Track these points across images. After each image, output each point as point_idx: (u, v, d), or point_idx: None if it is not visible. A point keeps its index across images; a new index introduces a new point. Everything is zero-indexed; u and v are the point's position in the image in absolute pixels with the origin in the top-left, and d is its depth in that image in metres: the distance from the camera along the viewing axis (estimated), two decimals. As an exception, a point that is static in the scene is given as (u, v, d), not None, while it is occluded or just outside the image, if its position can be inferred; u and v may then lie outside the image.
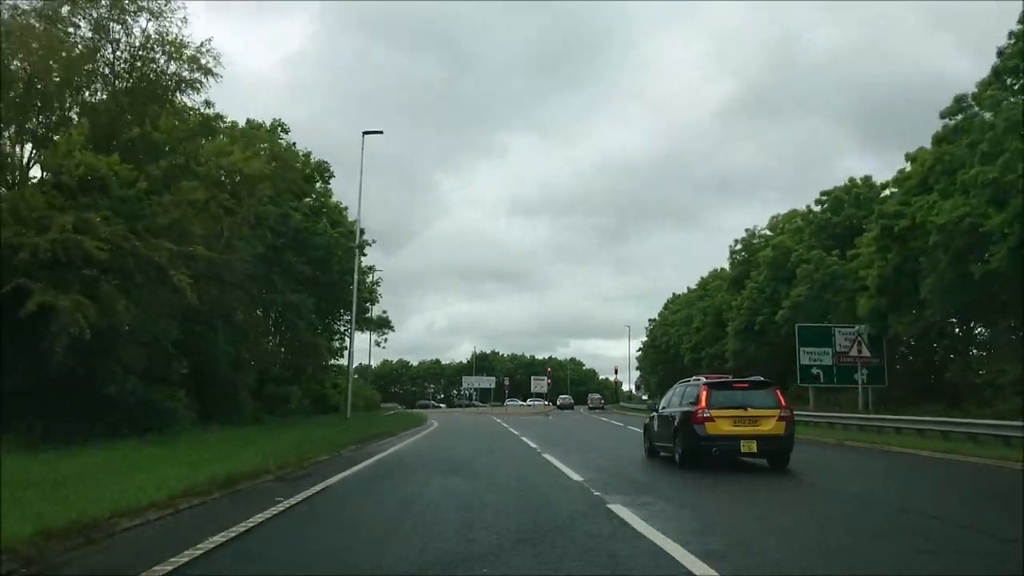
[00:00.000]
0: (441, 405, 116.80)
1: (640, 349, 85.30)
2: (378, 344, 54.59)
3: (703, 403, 12.91)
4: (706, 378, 14.40)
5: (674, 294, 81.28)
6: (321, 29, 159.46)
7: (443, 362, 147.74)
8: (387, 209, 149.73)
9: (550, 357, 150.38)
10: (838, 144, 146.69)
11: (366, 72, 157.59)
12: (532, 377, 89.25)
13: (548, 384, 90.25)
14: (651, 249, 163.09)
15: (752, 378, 14.56)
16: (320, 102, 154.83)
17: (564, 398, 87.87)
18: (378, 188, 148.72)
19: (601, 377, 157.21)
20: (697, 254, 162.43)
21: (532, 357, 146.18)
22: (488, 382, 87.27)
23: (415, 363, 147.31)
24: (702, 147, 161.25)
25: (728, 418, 12.75)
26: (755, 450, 12.68)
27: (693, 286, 77.81)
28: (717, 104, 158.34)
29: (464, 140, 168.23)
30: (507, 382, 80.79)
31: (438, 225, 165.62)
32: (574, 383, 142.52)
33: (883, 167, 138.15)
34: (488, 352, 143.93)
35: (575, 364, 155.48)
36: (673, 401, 14.90)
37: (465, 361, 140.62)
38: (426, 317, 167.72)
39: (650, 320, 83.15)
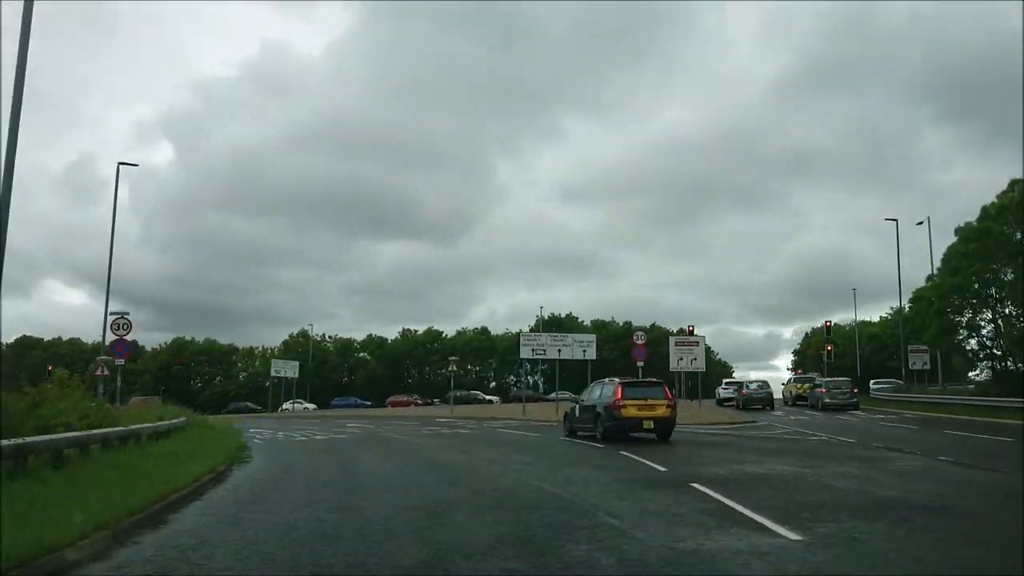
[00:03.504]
0: (492, 399, 69.80)
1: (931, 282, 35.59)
2: None
3: (619, 396, 18.58)
4: (619, 379, 20.14)
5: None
6: (367, 12, 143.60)
7: (493, 332, 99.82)
8: (447, 198, 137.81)
9: (653, 325, 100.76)
10: (913, 116, 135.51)
11: (417, 56, 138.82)
12: (671, 340, 40.70)
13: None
14: (717, 233, 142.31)
15: (649, 379, 21.19)
16: (370, 89, 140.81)
17: (757, 386, 40.61)
18: (437, 176, 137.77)
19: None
20: (766, 237, 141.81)
21: (627, 324, 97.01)
22: (581, 345, 38.90)
23: (450, 334, 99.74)
24: (767, 124, 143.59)
25: (635, 405, 18.40)
26: (652, 427, 18.53)
27: None
28: (781, 78, 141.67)
29: (521, 124, 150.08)
30: (640, 340, 32.32)
31: (497, 212, 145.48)
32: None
33: (964, 138, 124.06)
34: (562, 315, 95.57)
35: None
36: (593, 395, 20.47)
37: (528, 328, 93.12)
38: (487, 307, 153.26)
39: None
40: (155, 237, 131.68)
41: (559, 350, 38.97)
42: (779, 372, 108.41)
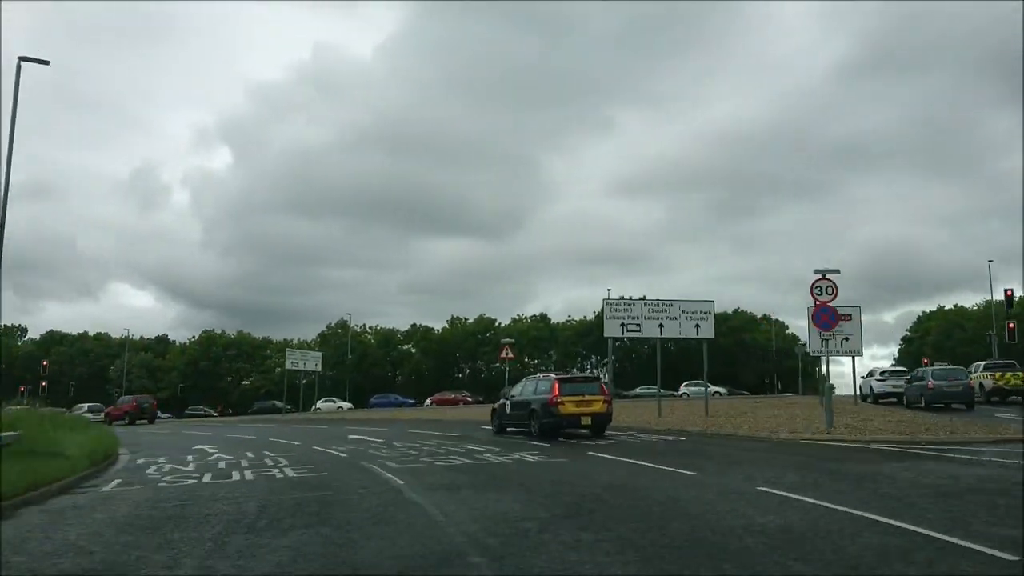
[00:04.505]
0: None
1: None
2: None
3: (556, 392, 18.13)
4: (555, 375, 20.63)
5: None
6: (415, 12, 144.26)
7: (554, 321, 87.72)
8: (498, 194, 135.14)
9: (737, 309, 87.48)
10: (977, 98, 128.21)
11: (466, 53, 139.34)
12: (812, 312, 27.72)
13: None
14: (774, 225, 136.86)
15: (585, 374, 26.72)
16: (421, 88, 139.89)
17: (947, 376, 27.65)
18: (488, 173, 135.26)
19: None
20: (826, 228, 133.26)
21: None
22: (693, 317, 26.73)
23: (504, 322, 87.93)
24: (824, 112, 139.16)
25: (572, 402, 18.08)
26: (590, 423, 18.20)
27: None
28: (838, 63, 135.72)
29: (570, 118, 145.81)
30: (828, 295, 19.52)
31: (549, 208, 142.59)
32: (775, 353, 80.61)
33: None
34: (633, 299, 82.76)
35: (773, 324, 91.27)
36: (526, 392, 19.95)
37: (593, 315, 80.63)
38: (541, 303, 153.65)
39: None
40: (216, 240, 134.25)
41: (660, 324, 26.75)
42: (841, 366, 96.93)
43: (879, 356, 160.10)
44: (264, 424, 36.76)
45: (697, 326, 27.04)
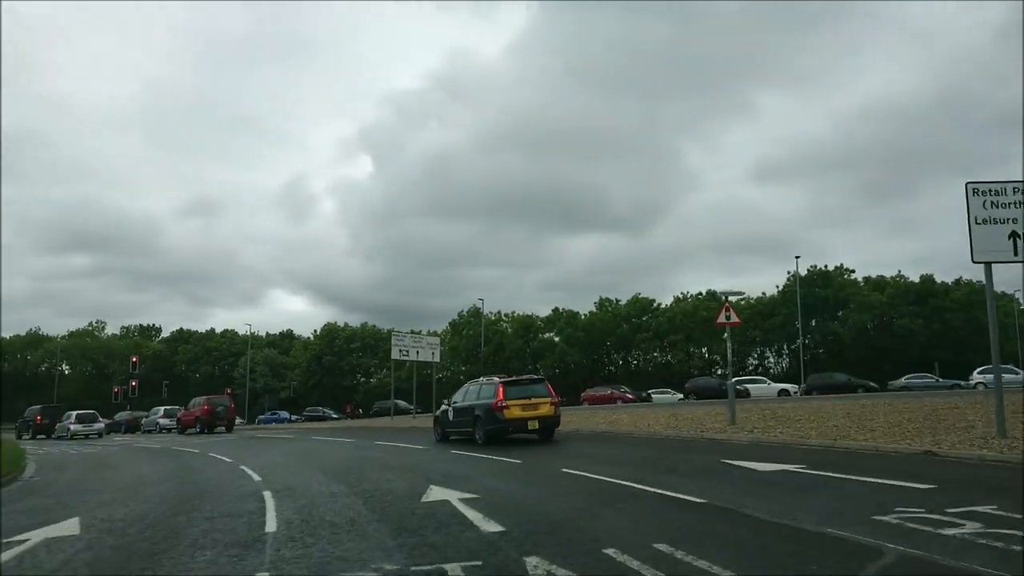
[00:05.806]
0: (788, 388, 45.28)
1: None
2: None
3: (501, 396, 17.34)
4: (498, 378, 19.03)
5: None
6: (542, 9, 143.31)
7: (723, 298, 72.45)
8: (636, 187, 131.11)
9: (960, 279, 68.83)
10: None
11: (595, 46, 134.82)
12: None
13: None
14: (937, 204, 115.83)
15: (530, 376, 21.07)
16: (552, 84, 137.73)
17: None
18: (625, 166, 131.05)
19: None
20: None
21: (928, 277, 65.85)
22: None
23: (665, 302, 73.55)
24: (987, 79, 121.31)
25: (519, 405, 17.27)
26: (537, 427, 17.46)
27: None
28: (1000, 24, 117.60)
29: (708, 103, 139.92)
30: None
31: (689, 198, 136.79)
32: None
33: None
34: (828, 268, 66.22)
35: (1013, 301, 71.43)
36: (469, 397, 19.04)
37: (777, 290, 64.93)
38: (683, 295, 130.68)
39: None
40: (361, 246, 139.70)
41: None
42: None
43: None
44: (348, 439, 25.35)
45: None
